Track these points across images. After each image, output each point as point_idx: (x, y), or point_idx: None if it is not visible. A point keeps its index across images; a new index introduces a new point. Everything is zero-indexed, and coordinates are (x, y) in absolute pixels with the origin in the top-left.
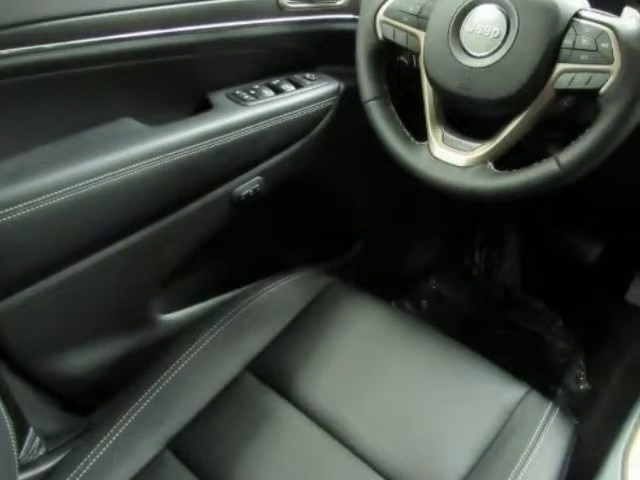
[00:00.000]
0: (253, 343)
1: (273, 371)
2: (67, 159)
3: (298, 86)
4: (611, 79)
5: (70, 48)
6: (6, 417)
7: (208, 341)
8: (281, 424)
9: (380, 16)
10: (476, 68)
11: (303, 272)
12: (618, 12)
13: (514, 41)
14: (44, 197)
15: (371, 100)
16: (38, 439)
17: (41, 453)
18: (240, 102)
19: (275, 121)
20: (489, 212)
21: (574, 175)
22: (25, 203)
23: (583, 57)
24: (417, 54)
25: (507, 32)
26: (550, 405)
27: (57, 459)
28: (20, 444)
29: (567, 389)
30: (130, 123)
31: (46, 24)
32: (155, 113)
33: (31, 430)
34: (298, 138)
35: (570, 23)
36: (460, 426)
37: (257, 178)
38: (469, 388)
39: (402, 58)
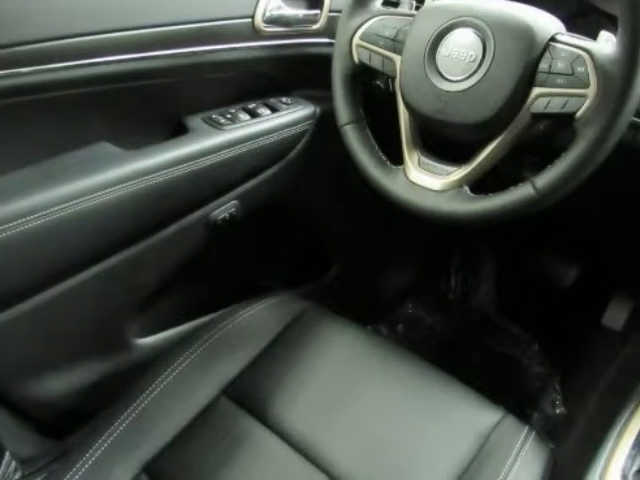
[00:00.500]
0: (229, 367)
1: (249, 395)
2: (43, 183)
3: (274, 110)
4: (587, 103)
5: (46, 72)
6: None
7: (184, 365)
8: (257, 448)
9: (356, 40)
10: (452, 92)
11: (279, 296)
12: (594, 36)
13: (490, 65)
14: (20, 221)
15: (347, 124)
16: (14, 463)
17: (17, 477)
18: (216, 126)
19: (251, 145)
20: (465, 236)
21: (550, 199)
22: (1, 227)
23: (559, 81)
24: (393, 78)
25: (483, 56)
26: (526, 429)
27: None
28: None
29: (543, 413)
30: (106, 147)
31: (21, 48)
32: (131, 137)
33: (7, 454)
34: (274, 162)
35: (546, 47)
36: (436, 450)
37: (233, 202)
38: (445, 412)
39: (378, 82)
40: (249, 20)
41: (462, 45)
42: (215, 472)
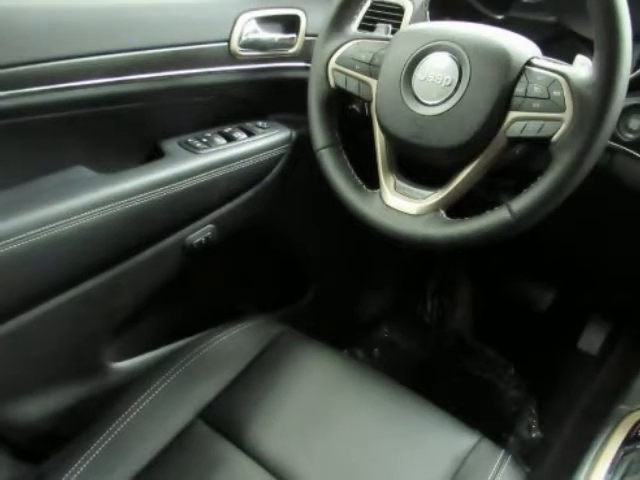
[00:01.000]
0: (205, 391)
1: (225, 419)
2: (19, 207)
3: (250, 134)
4: (563, 127)
5: (21, 96)
6: None
7: (160, 389)
8: (233, 472)
9: (332, 64)
10: (428, 116)
11: (255, 320)
12: (570, 60)
13: (466, 89)
14: None
15: (323, 148)
16: None
17: None
18: (192, 150)
19: (227, 169)
20: (441, 260)
21: (526, 223)
22: None
23: (535, 105)
24: (369, 102)
25: (459, 80)
26: (502, 453)
27: None
28: None
29: (519, 437)
30: (82, 171)
31: None
32: (108, 161)
33: None
34: (250, 186)
35: (522, 71)
36: (412, 474)
37: (209, 226)
38: (421, 436)
39: (354, 106)
40: (225, 44)
41: (438, 69)
42: None
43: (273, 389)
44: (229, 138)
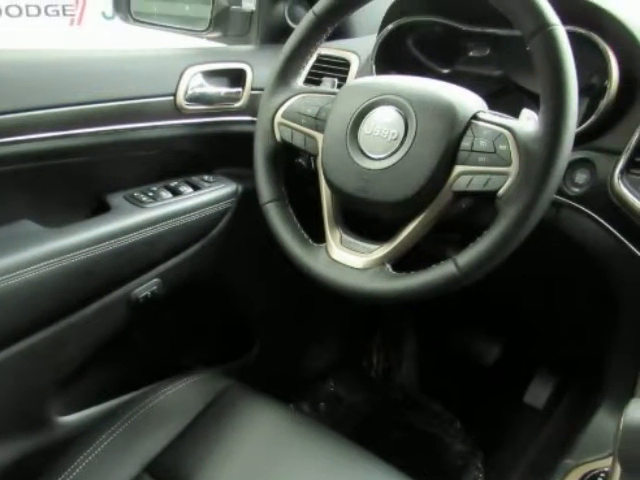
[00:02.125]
0: (152, 445)
1: (172, 473)
2: None
3: (196, 188)
4: (509, 181)
5: None
6: None
7: (106, 443)
8: None
9: (278, 118)
10: (374, 170)
11: (202, 374)
12: (516, 114)
13: (412, 143)
14: None
15: (269, 202)
16: None
17: None
18: (138, 204)
19: (173, 223)
20: (387, 313)
21: (472, 277)
22: None
23: (481, 159)
24: (315, 156)
25: (405, 134)
26: None
27: None
28: None
29: None
30: (28, 225)
31: None
32: (53, 215)
33: None
34: (196, 240)
35: (468, 125)
36: None
37: (155, 280)
38: None
39: (300, 160)
40: (171, 98)
41: (384, 123)
42: None
43: (219, 443)
44: (175, 192)
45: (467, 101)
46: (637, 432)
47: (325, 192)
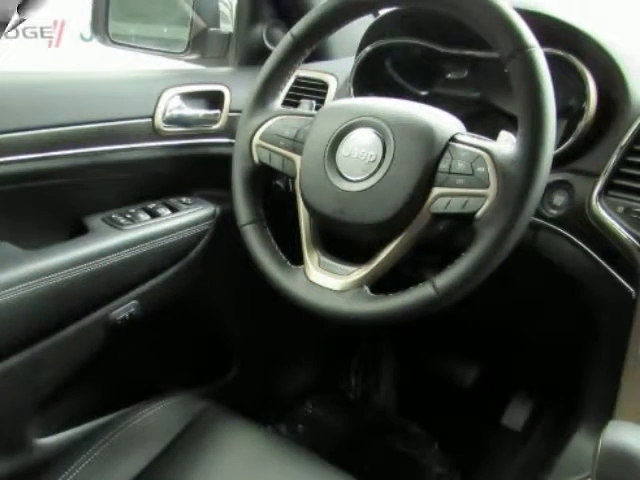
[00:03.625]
0: (129, 467)
1: None
2: None
3: (174, 210)
4: (487, 203)
5: None
6: None
7: (84, 465)
8: None
9: (256, 140)
10: (352, 192)
11: (180, 396)
12: (494, 136)
13: (390, 165)
14: None
15: (247, 224)
16: None
17: None
18: (116, 226)
19: (151, 245)
20: (365, 335)
21: (450, 299)
22: None
23: (459, 181)
24: (293, 178)
25: (383, 156)
26: None
27: None
28: None
29: None
30: (5, 247)
31: None
32: (31, 237)
33: None
34: (174, 262)
35: (446, 147)
36: None
37: (133, 302)
38: None
39: (278, 182)
40: (149, 120)
41: (362, 145)
42: None
43: (197, 465)
44: (153, 214)
45: (445, 123)
46: (615, 454)
47: (303, 214)
